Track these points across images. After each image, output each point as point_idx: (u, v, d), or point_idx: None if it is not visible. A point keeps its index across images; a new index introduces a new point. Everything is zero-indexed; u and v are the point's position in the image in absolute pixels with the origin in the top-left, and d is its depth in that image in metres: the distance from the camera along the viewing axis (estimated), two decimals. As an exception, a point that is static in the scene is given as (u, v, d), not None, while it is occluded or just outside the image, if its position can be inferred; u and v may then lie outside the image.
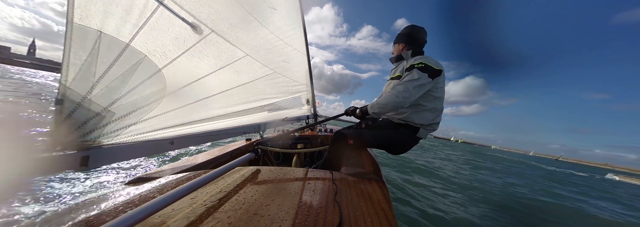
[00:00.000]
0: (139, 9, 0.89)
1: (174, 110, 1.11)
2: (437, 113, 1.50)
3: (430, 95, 1.44)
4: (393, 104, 1.35)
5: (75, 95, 0.72)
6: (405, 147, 1.58)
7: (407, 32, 1.62)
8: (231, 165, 0.94)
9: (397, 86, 1.36)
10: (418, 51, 1.59)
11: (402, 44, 1.62)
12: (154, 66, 0.99)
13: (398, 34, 1.67)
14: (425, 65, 1.36)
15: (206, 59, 1.30)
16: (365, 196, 0.83)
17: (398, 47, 1.65)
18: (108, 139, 0.82)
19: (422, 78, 1.33)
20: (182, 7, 1.08)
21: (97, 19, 0.76)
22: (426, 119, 1.47)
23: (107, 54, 0.80)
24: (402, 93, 1.32)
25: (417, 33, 1.59)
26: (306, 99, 3.17)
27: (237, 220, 0.60)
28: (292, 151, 2.25)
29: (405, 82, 1.35)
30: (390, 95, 1.35)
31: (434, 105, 1.47)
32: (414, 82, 1.33)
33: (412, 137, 1.52)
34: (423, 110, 1.46)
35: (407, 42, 1.60)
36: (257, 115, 1.93)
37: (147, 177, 1.06)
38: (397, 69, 1.62)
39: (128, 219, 0.47)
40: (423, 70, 1.34)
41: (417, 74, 1.33)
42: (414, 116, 1.47)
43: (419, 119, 1.46)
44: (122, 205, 0.71)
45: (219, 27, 1.34)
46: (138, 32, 0.90)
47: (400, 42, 1.63)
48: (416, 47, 1.59)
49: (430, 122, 1.48)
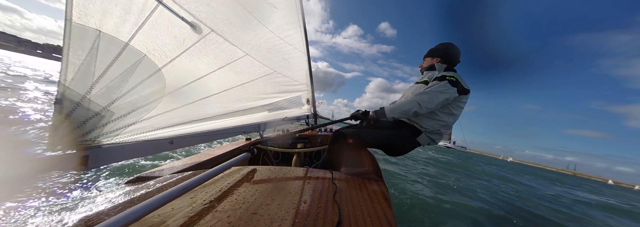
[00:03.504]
0: (138, 8, 0.89)
1: (174, 110, 1.11)
2: (445, 127, 1.48)
3: (449, 109, 1.43)
4: (414, 111, 1.34)
5: (75, 95, 0.72)
6: (403, 149, 1.56)
7: (445, 49, 1.59)
8: (227, 165, 0.94)
9: (423, 95, 1.35)
10: (451, 68, 1.58)
11: (437, 58, 1.59)
12: (153, 66, 0.98)
13: (435, 49, 1.64)
14: (457, 80, 1.36)
15: (206, 59, 1.30)
16: (365, 195, 0.83)
17: (431, 61, 1.62)
18: (107, 138, 0.82)
19: (450, 91, 1.33)
20: (181, 6, 1.08)
21: (96, 18, 0.75)
22: (432, 126, 1.45)
23: (106, 54, 0.80)
24: (425, 103, 1.32)
25: (455, 52, 1.58)
26: (306, 99, 3.16)
27: (237, 219, 0.60)
28: (292, 150, 2.25)
29: (432, 92, 1.33)
30: (413, 102, 1.34)
31: (446, 120, 1.45)
32: (441, 94, 1.32)
33: (412, 140, 1.50)
34: (434, 119, 1.45)
35: (443, 57, 1.58)
36: (257, 114, 1.93)
37: (146, 176, 1.06)
38: (426, 75, 1.59)
39: (126, 217, 0.47)
40: (453, 85, 1.34)
41: (446, 86, 1.33)
42: (422, 120, 1.45)
43: (425, 124, 1.45)
44: (121, 204, 0.71)
45: (219, 26, 1.34)
46: (137, 31, 0.89)
47: (436, 57, 1.60)
48: (450, 64, 1.58)
49: (433, 130, 1.46)
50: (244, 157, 1.14)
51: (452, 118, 1.46)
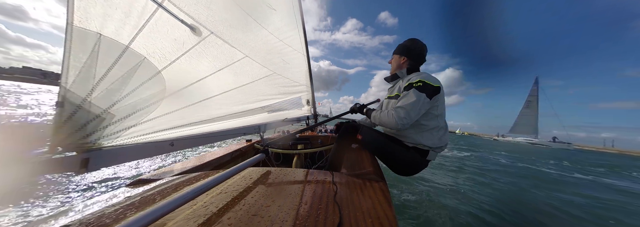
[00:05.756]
0: (138, 11, 0.89)
1: (174, 112, 1.12)
2: (441, 132, 1.44)
3: (430, 113, 1.40)
4: (393, 126, 1.34)
5: (75, 98, 0.72)
6: (414, 169, 1.49)
7: (408, 46, 1.58)
8: (242, 166, 0.93)
9: (399, 109, 1.32)
10: (414, 68, 1.56)
11: (404, 57, 1.58)
12: (153, 68, 0.99)
13: (401, 46, 1.63)
14: (423, 83, 1.33)
15: (205, 61, 1.31)
16: (366, 196, 0.83)
17: (398, 59, 1.62)
18: (108, 141, 0.82)
19: (421, 99, 1.30)
20: (181, 9, 1.09)
21: (97, 21, 0.76)
22: (432, 140, 1.40)
23: (107, 56, 0.80)
24: (402, 119, 1.29)
25: (420, 49, 1.56)
26: (306, 100, 3.17)
27: (237, 221, 0.60)
28: (292, 151, 2.25)
29: (405, 106, 1.31)
30: (392, 119, 1.33)
31: (436, 124, 1.41)
32: (414, 105, 1.29)
33: (423, 161, 1.44)
34: (425, 130, 1.41)
35: (408, 56, 1.57)
36: (257, 116, 1.93)
37: (148, 179, 1.06)
38: (395, 88, 1.59)
39: (138, 221, 0.47)
40: (421, 90, 1.31)
41: (415, 95, 1.30)
42: (419, 137, 1.41)
43: (426, 141, 1.40)
44: (123, 207, 0.71)
45: (218, 28, 1.34)
46: (137, 34, 0.90)
47: (402, 55, 1.59)
48: (414, 62, 1.56)
49: (438, 145, 1.42)
50: (259, 158, 1.13)
51: (440, 119, 1.43)
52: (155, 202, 0.74)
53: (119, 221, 0.61)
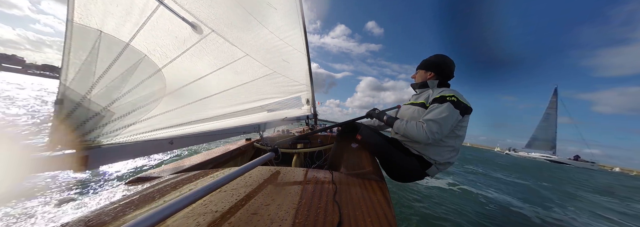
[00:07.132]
0: (139, 9, 0.89)
1: (174, 110, 1.11)
2: (453, 153, 1.39)
3: (453, 132, 1.35)
4: (423, 140, 1.26)
5: (75, 95, 0.72)
6: (408, 177, 1.46)
7: (438, 62, 1.53)
8: (252, 164, 0.91)
9: (431, 123, 1.25)
10: (444, 83, 1.52)
11: (431, 73, 1.53)
12: (153, 66, 0.98)
13: (427, 61, 1.57)
14: (458, 100, 1.29)
15: (206, 59, 1.30)
16: (365, 196, 0.83)
17: (424, 74, 1.56)
18: (107, 139, 0.82)
19: (455, 115, 1.26)
20: (182, 7, 1.08)
21: (97, 18, 0.76)
22: (441, 156, 1.36)
23: (107, 54, 0.80)
24: (434, 134, 1.23)
25: (449, 65, 1.51)
26: (306, 99, 3.17)
27: (236, 220, 0.60)
28: (291, 150, 2.25)
29: (438, 120, 1.24)
30: (422, 132, 1.25)
31: (453, 144, 1.37)
32: (447, 120, 1.24)
33: (420, 172, 1.40)
34: (442, 145, 1.36)
35: (436, 72, 1.51)
36: (256, 115, 1.93)
37: (147, 177, 1.06)
38: (422, 95, 1.51)
39: (147, 220, 0.46)
40: (456, 106, 1.27)
41: (449, 110, 1.25)
42: (430, 150, 1.36)
43: (434, 155, 1.36)
44: (121, 205, 0.70)
45: (219, 26, 1.34)
46: (138, 31, 0.90)
47: (430, 71, 1.53)
48: (444, 78, 1.52)
49: (444, 161, 1.38)
50: (269, 156, 1.12)
51: (459, 140, 1.38)
52: (154, 200, 0.74)
53: (118, 219, 0.61)
